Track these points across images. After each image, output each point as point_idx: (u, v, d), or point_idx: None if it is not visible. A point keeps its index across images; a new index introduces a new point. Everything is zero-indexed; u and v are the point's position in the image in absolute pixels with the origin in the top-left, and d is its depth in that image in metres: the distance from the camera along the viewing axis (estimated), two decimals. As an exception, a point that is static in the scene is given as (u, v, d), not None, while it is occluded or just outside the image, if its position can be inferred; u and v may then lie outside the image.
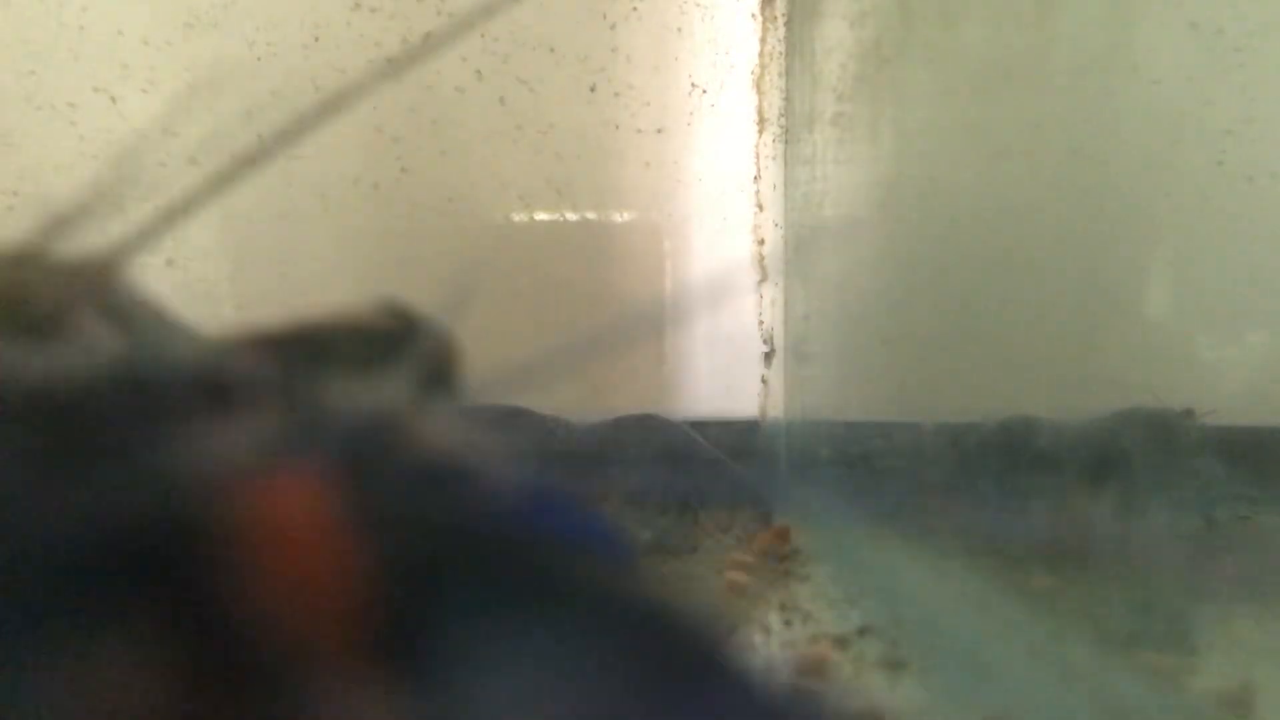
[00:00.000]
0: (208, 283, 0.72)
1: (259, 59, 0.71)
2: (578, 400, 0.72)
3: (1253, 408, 0.61)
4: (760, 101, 0.77)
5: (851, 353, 0.71)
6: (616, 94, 0.74)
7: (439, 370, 0.20)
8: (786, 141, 0.77)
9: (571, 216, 0.74)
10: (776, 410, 0.78)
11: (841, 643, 0.44)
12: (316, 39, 0.71)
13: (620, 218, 0.75)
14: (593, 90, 0.73)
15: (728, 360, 0.78)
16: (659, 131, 0.75)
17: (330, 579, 0.12)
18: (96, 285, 0.16)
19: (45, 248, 0.16)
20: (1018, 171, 0.61)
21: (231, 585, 0.12)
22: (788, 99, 0.76)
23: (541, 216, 0.74)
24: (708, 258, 0.77)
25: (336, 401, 0.16)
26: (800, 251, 0.76)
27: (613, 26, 0.73)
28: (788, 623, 0.47)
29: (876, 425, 0.68)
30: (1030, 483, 0.59)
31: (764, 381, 0.79)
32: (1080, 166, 0.60)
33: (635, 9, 0.74)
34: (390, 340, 0.19)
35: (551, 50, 0.73)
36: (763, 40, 0.76)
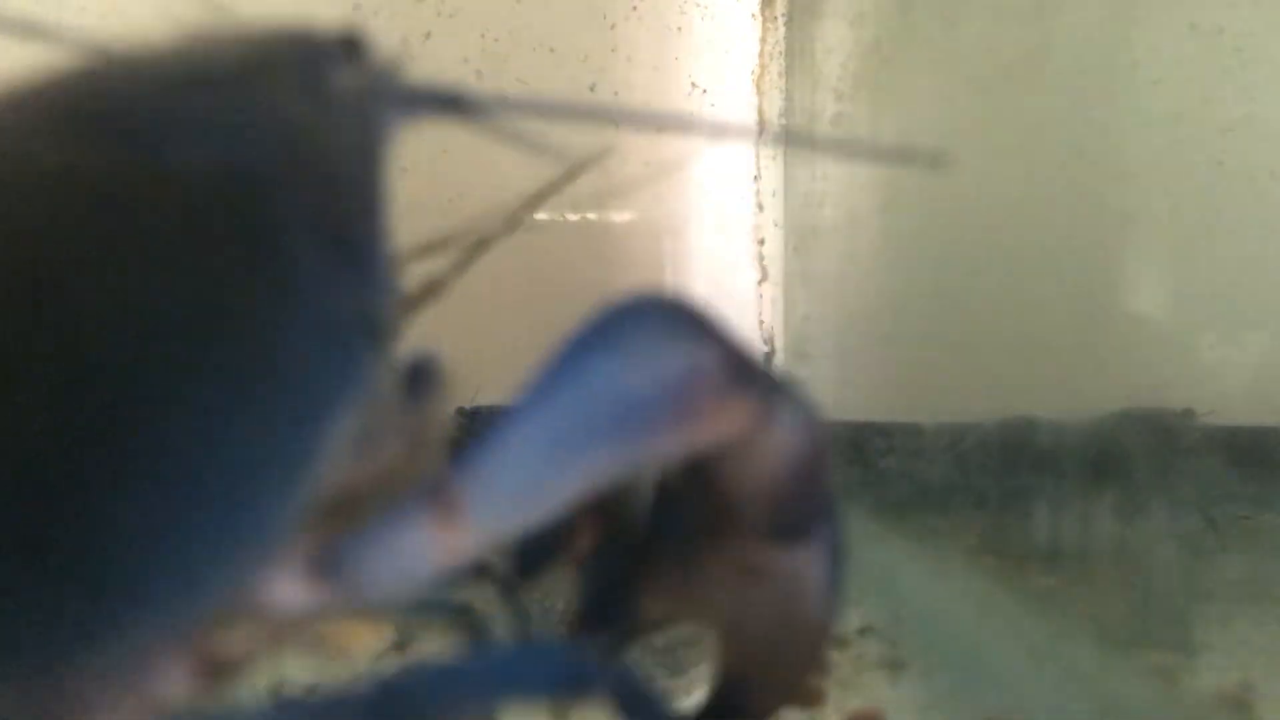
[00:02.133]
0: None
1: (259, 59, 0.71)
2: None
3: (1253, 408, 0.61)
4: (760, 101, 0.77)
5: (851, 353, 0.71)
6: (616, 94, 0.74)
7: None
8: (786, 141, 0.77)
9: (571, 217, 0.74)
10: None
11: (841, 643, 0.44)
12: (316, 39, 0.71)
13: (620, 218, 0.75)
14: (592, 90, 0.73)
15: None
16: (659, 131, 0.75)
17: None
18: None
19: None
20: (1018, 171, 0.61)
21: None
22: (788, 99, 0.76)
23: (541, 216, 0.74)
24: (708, 258, 0.76)
25: None
26: (800, 251, 0.75)
27: (613, 26, 0.73)
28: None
29: (876, 425, 0.68)
30: (1030, 483, 0.59)
31: (764, 381, 0.78)
32: (1080, 166, 0.60)
33: (635, 9, 0.74)
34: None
35: (551, 50, 0.73)
36: (763, 40, 0.76)
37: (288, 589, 0.18)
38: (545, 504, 0.20)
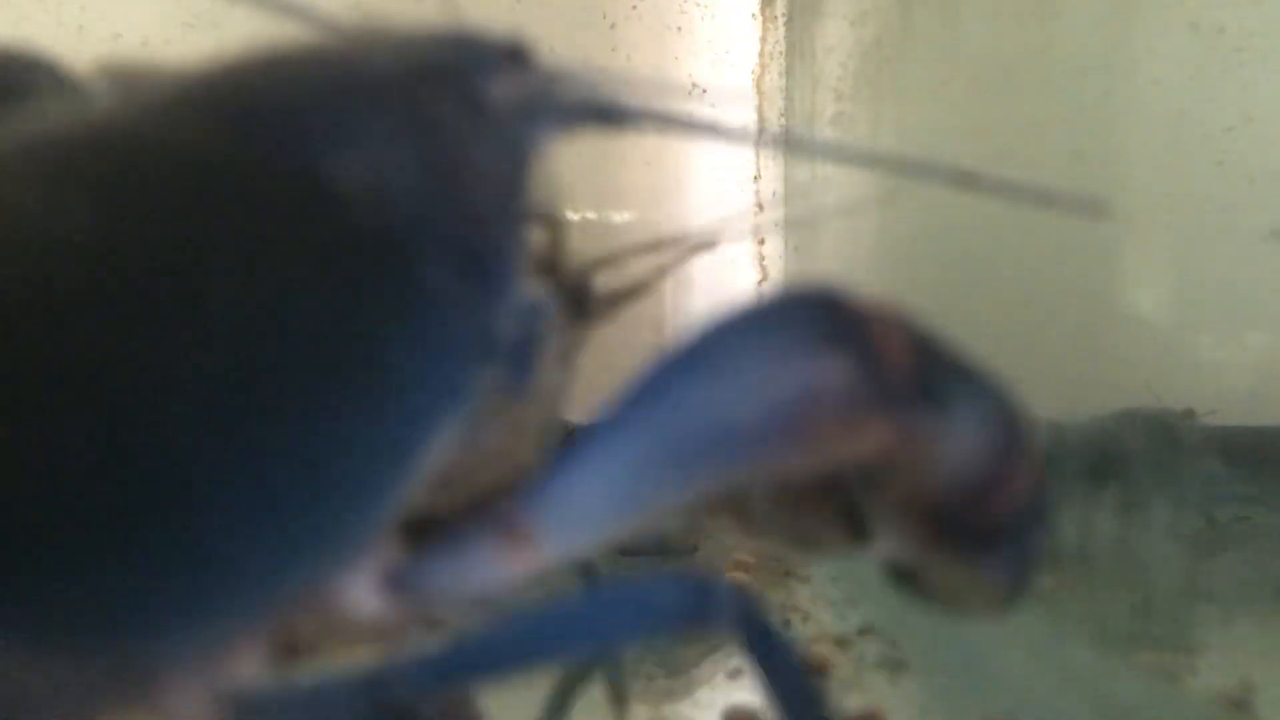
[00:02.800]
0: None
1: (259, 59, 0.71)
2: (583, 404, 0.72)
3: (1253, 408, 0.61)
4: (760, 101, 0.77)
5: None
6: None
7: None
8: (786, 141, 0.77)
9: (571, 216, 0.74)
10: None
11: (842, 643, 0.44)
12: (316, 39, 0.71)
13: (620, 218, 0.75)
14: (593, 90, 0.73)
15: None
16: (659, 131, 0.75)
17: None
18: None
19: None
20: (1018, 171, 0.61)
21: None
22: (788, 99, 0.76)
23: (541, 216, 0.74)
24: (708, 258, 0.76)
25: None
26: (800, 251, 0.75)
27: (613, 26, 0.73)
28: (788, 623, 0.48)
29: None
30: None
31: (764, 381, 0.78)
32: (1080, 166, 0.60)
33: (635, 9, 0.74)
34: None
35: (551, 50, 0.73)
36: (763, 40, 0.76)
37: (361, 596, 0.18)
38: (624, 524, 0.20)
